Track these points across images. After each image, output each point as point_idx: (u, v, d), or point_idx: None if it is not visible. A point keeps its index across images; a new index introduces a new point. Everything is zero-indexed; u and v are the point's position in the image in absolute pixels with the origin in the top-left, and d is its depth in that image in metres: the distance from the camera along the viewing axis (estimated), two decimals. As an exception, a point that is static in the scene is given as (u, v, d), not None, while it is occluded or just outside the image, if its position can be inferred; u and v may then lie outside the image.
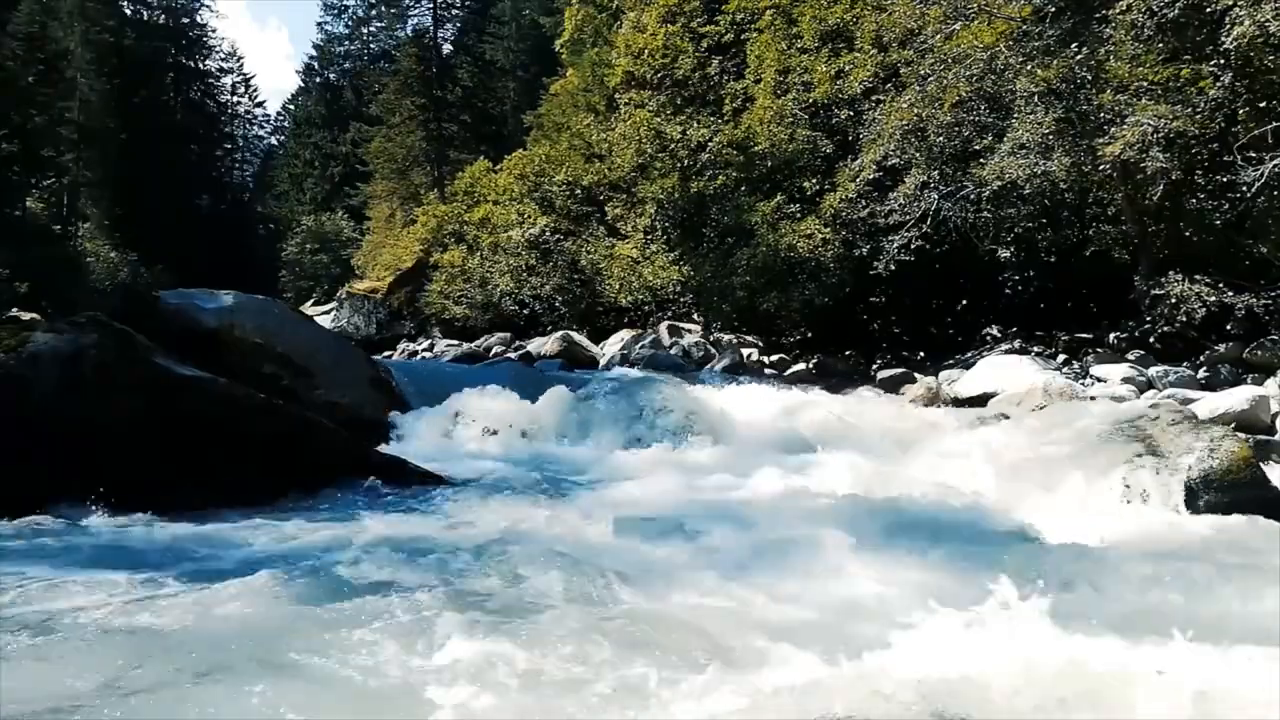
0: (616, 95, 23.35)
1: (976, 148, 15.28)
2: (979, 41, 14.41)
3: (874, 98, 17.36)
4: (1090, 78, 13.61)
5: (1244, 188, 12.40)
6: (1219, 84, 12.69)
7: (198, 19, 43.66)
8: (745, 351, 18.38)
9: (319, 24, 72.89)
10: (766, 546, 5.88)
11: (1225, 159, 12.84)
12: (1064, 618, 4.37)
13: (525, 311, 24.88)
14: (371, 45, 55.72)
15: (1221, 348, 13.23)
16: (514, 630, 4.27)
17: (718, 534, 6.31)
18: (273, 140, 57.61)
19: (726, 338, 19.43)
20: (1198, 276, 13.23)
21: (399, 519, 7.02)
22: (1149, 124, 12.60)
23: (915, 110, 15.49)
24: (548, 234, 24.44)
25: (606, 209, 22.98)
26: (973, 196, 15.10)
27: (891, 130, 15.91)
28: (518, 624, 4.38)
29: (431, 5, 45.62)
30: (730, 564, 5.59)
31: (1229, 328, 13.37)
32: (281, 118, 58.69)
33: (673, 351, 18.47)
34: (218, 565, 5.34)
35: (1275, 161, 11.80)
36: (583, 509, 7.35)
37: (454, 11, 48.78)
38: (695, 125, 19.46)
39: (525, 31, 43.49)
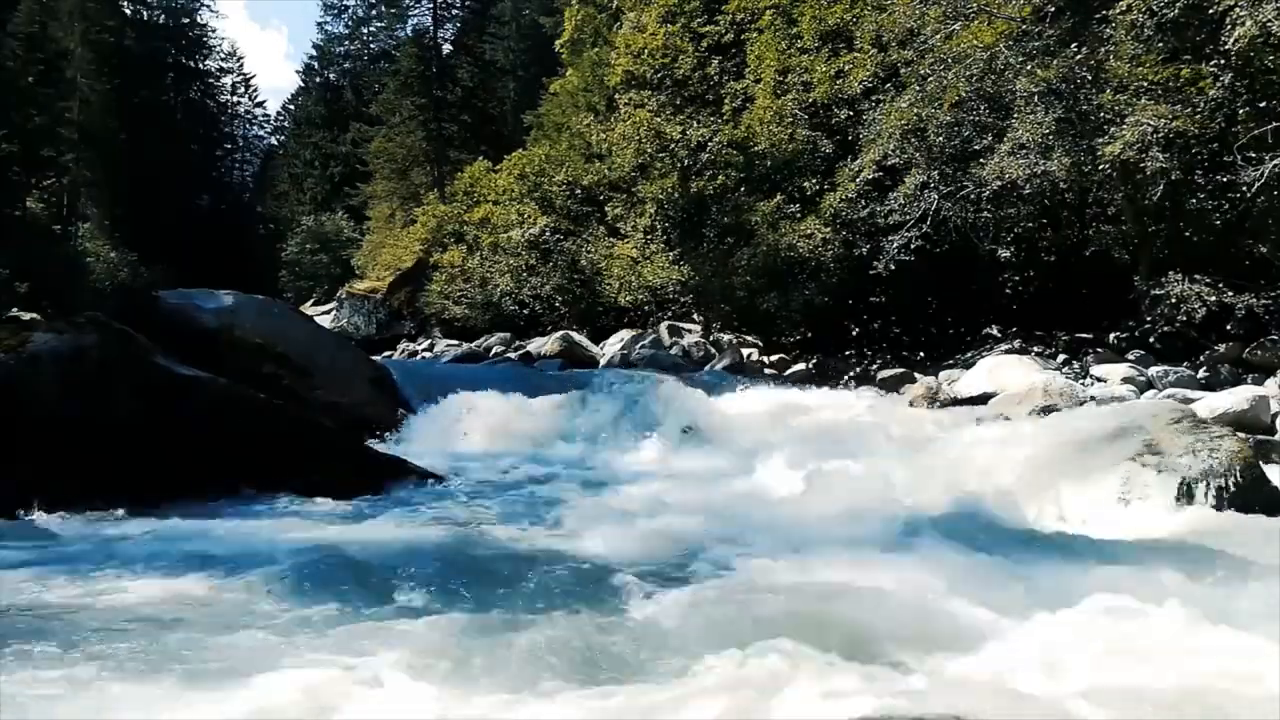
0: (616, 95, 23.30)
1: (976, 148, 15.27)
2: (979, 41, 14.39)
3: (874, 98, 17.35)
4: (1090, 78, 13.59)
5: (1244, 188, 12.40)
6: (1219, 84, 12.68)
7: (198, 19, 43.46)
8: (745, 351, 18.38)
9: (319, 24, 72.67)
10: (767, 545, 5.87)
11: (1225, 159, 12.83)
12: (1068, 616, 4.38)
13: (525, 311, 24.85)
14: (371, 45, 55.58)
15: (1221, 348, 13.22)
16: (511, 629, 4.27)
17: (716, 532, 6.31)
18: (273, 140, 57.46)
19: (726, 338, 19.43)
20: (1198, 276, 13.22)
21: (397, 518, 7.03)
22: (1149, 124, 12.59)
23: (915, 110, 15.47)
24: (548, 234, 24.42)
25: (606, 209, 22.96)
26: (973, 196, 15.09)
27: (891, 130, 15.89)
28: (515, 623, 4.38)
29: (431, 5, 45.50)
30: (727, 563, 5.59)
31: (1229, 328, 13.36)
32: (281, 118, 58.60)
33: (673, 351, 18.47)
34: (212, 563, 5.33)
35: (1275, 161, 11.80)
36: (581, 508, 7.35)
37: (454, 11, 48.67)
38: (695, 125, 19.45)
39: (525, 31, 43.40)
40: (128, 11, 39.10)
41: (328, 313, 34.54)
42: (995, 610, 4.51)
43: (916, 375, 14.60)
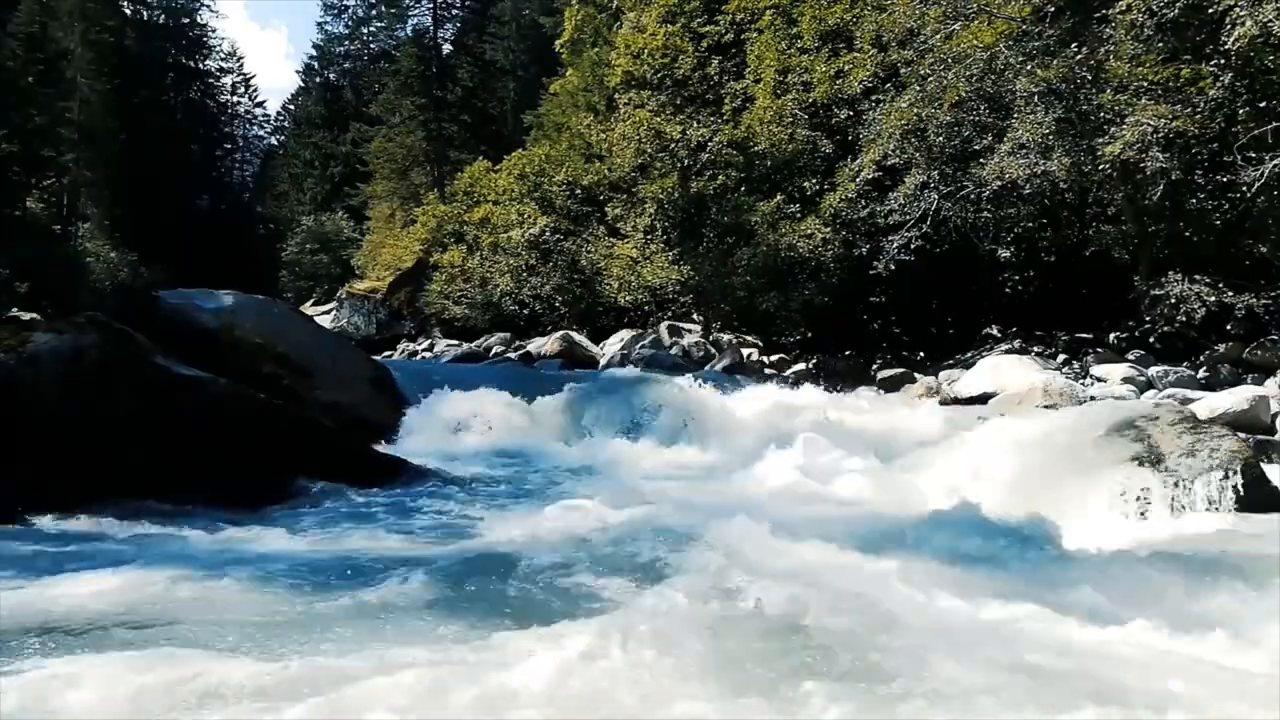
0: (616, 95, 23.32)
1: (976, 148, 15.28)
2: (979, 41, 14.40)
3: (874, 98, 17.37)
4: (1090, 78, 13.60)
5: (1244, 188, 12.41)
6: (1219, 84, 12.69)
7: (198, 19, 43.44)
8: (745, 351, 18.38)
9: (319, 24, 72.65)
10: (768, 545, 5.86)
11: (1225, 159, 12.84)
12: (1071, 615, 4.38)
13: (525, 311, 24.87)
14: (371, 45, 55.60)
15: (1221, 348, 13.22)
16: (509, 631, 4.27)
17: (716, 532, 6.30)
18: (273, 140, 57.44)
19: (726, 338, 19.43)
20: (1198, 276, 13.23)
21: (397, 517, 7.03)
22: (1149, 124, 12.60)
23: (915, 110, 15.48)
24: (548, 234, 24.43)
25: (606, 209, 22.98)
26: (973, 196, 15.10)
27: (891, 130, 15.90)
28: (513, 624, 4.38)
29: (431, 5, 45.51)
30: (725, 563, 5.58)
31: (1229, 328, 13.37)
32: (281, 118, 58.60)
33: (673, 351, 18.47)
34: (211, 564, 5.33)
35: (1275, 161, 11.80)
36: (581, 508, 7.34)
37: (454, 11, 48.67)
38: (695, 125, 19.46)
39: (525, 31, 43.43)
40: (128, 11, 39.09)
41: (328, 313, 34.56)
42: (993, 611, 4.51)
43: (916, 375, 14.61)
